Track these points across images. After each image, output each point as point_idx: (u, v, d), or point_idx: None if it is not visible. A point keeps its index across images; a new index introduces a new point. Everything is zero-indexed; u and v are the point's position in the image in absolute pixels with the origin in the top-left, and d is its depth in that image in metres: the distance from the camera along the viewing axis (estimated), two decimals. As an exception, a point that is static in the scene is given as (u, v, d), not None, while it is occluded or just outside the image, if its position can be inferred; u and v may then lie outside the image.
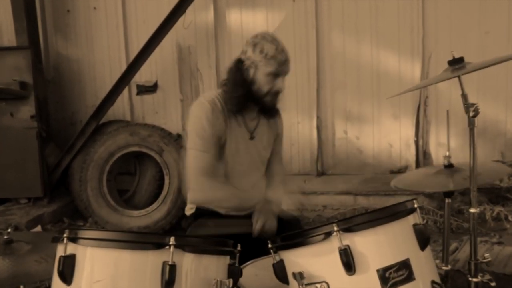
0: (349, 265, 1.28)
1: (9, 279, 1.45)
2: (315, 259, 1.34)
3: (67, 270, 1.23)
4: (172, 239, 1.23)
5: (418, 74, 4.44)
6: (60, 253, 1.25)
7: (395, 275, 1.30)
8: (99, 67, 4.99)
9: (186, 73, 4.85)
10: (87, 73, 5.02)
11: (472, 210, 1.63)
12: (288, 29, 4.55)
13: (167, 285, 1.22)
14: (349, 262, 1.28)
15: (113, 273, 1.23)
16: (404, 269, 1.32)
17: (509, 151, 4.41)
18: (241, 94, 2.07)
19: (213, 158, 2.08)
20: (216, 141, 2.08)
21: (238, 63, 2.10)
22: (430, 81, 2.42)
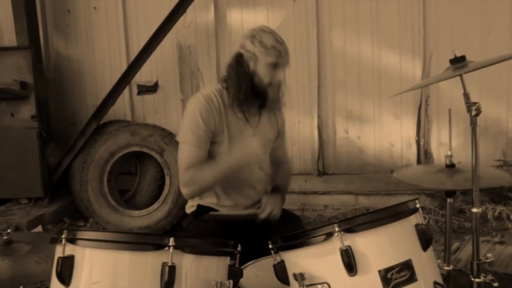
0: (350, 266, 1.27)
1: (9, 279, 1.45)
2: (316, 260, 1.33)
3: (66, 272, 1.22)
4: (171, 240, 1.23)
5: (419, 74, 4.42)
6: (59, 254, 1.25)
7: (397, 276, 1.29)
8: (99, 67, 4.98)
9: (187, 73, 4.84)
10: (88, 73, 5.01)
11: (474, 210, 1.63)
12: (289, 28, 4.54)
13: (166, 286, 1.21)
14: (350, 263, 1.27)
15: (112, 274, 1.22)
16: (406, 270, 1.31)
17: (510, 150, 4.39)
18: (244, 88, 2.06)
19: (205, 154, 2.07)
20: (210, 137, 2.08)
21: (238, 57, 2.10)
22: (432, 80, 2.41)
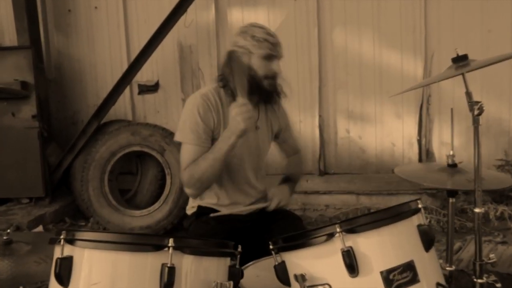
0: (352, 267, 1.26)
1: (9, 280, 1.44)
2: (318, 261, 1.32)
3: (64, 272, 1.21)
4: (171, 240, 1.22)
5: (420, 73, 4.41)
6: (57, 255, 1.24)
7: (399, 277, 1.28)
8: (100, 67, 4.98)
9: (188, 73, 4.83)
10: (89, 73, 5.01)
11: (477, 210, 1.61)
12: (290, 28, 4.53)
13: (166, 287, 1.20)
14: (352, 264, 1.26)
15: (111, 275, 1.21)
16: (409, 271, 1.30)
17: (512, 149, 4.38)
18: (244, 81, 2.03)
19: (206, 152, 2.06)
20: (210, 135, 2.08)
21: (231, 54, 2.11)
22: (434, 79, 2.39)
